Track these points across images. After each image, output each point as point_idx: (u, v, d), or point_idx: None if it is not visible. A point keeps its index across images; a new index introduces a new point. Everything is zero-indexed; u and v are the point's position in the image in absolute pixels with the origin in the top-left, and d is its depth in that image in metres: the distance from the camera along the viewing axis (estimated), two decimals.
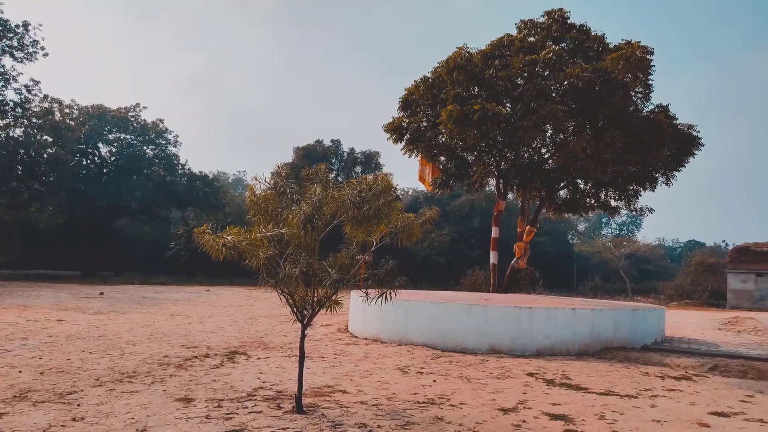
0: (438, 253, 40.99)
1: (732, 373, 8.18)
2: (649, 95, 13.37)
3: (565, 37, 13.87)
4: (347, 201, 5.33)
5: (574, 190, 16.42)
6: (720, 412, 5.88)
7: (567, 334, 9.58)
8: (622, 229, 75.77)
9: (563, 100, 12.76)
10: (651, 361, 8.95)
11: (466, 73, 13.55)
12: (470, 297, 12.75)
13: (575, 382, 7.21)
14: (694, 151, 13.95)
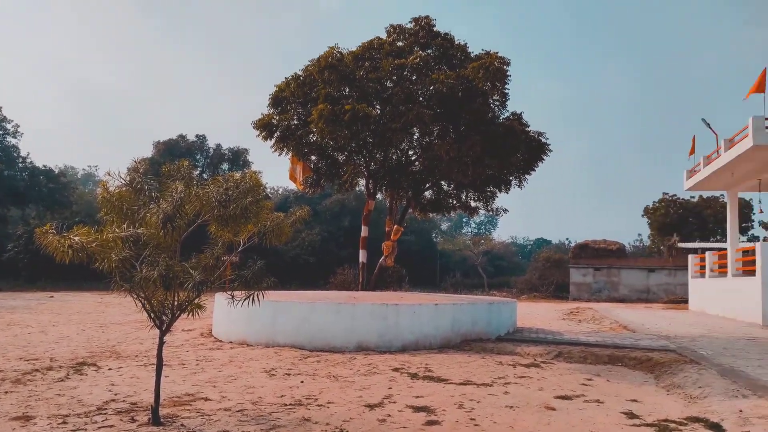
0: (308, 253, 40.83)
1: (574, 359, 9.03)
2: (506, 103, 14.35)
3: (432, 44, 14.47)
4: (212, 199, 5.12)
5: (438, 191, 17.17)
6: (564, 395, 6.46)
7: (430, 328, 9.99)
8: (480, 228, 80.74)
9: (429, 105, 13.30)
10: (504, 350, 9.61)
11: (337, 73, 13.63)
12: (339, 296, 12.85)
13: (437, 374, 7.54)
14: (543, 157, 15.18)
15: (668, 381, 7.38)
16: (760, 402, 5.77)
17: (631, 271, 36.86)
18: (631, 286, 36.43)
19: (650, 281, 36.26)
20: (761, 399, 5.88)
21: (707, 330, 13.81)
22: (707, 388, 6.59)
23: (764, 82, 16.95)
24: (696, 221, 43.95)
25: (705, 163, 21.05)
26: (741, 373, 7.40)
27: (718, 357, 8.94)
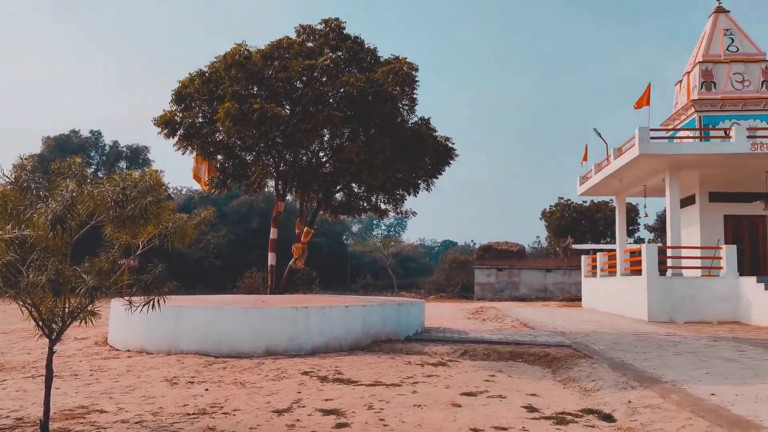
0: (214, 256, 39.51)
1: (479, 356, 9.34)
2: (414, 108, 14.63)
3: (342, 47, 14.46)
4: (108, 199, 4.81)
5: (349, 193, 17.19)
6: (469, 392, 6.66)
7: (341, 331, 9.97)
8: (390, 230, 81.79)
9: (340, 107, 13.28)
10: (413, 350, 9.78)
11: (245, 72, 13.29)
12: (247, 299, 12.52)
13: (347, 376, 7.53)
14: (450, 161, 15.61)
15: (564, 375, 7.81)
16: (646, 392, 6.23)
17: (531, 271, 38.76)
18: (530, 285, 38.29)
19: (547, 281, 38.29)
20: (647, 390, 6.36)
21: (599, 326, 14.77)
22: (600, 381, 7.03)
23: (649, 95, 18.41)
24: (588, 224, 46.94)
25: (596, 170, 22.55)
26: (629, 366, 7.97)
27: (609, 351, 9.58)
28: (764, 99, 19.47)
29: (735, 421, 4.87)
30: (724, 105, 19.68)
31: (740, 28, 20.66)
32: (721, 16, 20.98)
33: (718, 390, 6.25)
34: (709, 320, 16.40)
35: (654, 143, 17.20)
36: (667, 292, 16.93)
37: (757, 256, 19.35)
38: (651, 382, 6.75)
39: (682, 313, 16.68)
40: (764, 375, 7.28)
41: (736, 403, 5.60)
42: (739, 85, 19.80)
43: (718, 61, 20.11)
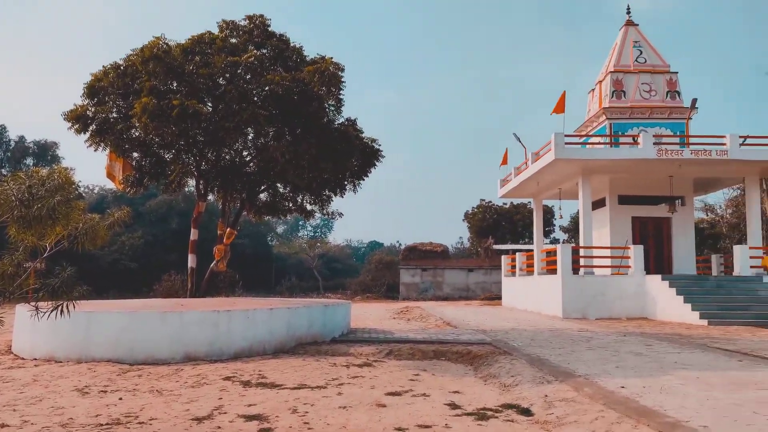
0: (129, 258, 37.77)
1: (404, 356, 9.44)
2: (341, 108, 14.58)
3: (266, 44, 14.19)
4: (12, 198, 4.48)
5: (274, 193, 16.90)
6: (394, 391, 6.70)
7: (264, 333, 9.78)
8: (316, 231, 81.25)
9: (264, 105, 13.03)
10: (338, 352, 9.74)
11: (164, 66, 12.76)
12: (165, 304, 12.04)
13: (271, 380, 7.39)
14: (376, 162, 15.69)
15: (486, 372, 8.03)
16: (561, 386, 6.51)
17: (454, 271, 39.66)
18: (453, 285, 39.16)
19: (470, 280, 39.32)
20: (562, 384, 6.64)
21: (518, 323, 15.32)
22: (518, 376, 7.28)
23: (564, 102, 19.30)
24: (508, 225, 48.60)
25: (515, 173, 23.41)
26: (546, 362, 8.31)
27: (527, 348, 9.94)
28: (669, 108, 20.90)
29: (642, 411, 5.18)
30: (633, 113, 20.95)
31: (648, 40, 22.07)
32: (630, 29, 22.32)
33: (627, 383, 6.62)
34: (619, 316, 17.40)
35: (568, 148, 18.07)
36: (580, 290, 17.81)
37: (661, 256, 20.73)
38: (566, 376, 7.07)
39: (594, 310, 17.59)
40: (668, 368, 7.79)
41: (644, 394, 5.95)
42: (646, 94, 21.14)
43: (628, 71, 21.38)
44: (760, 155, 17.91)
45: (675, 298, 16.09)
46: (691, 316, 15.15)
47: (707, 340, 11.05)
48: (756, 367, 7.74)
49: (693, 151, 17.74)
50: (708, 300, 15.90)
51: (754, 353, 9.12)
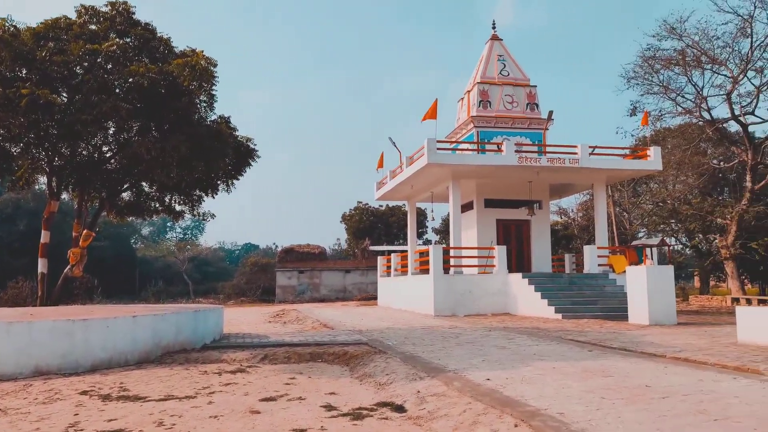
0: None
1: (279, 360, 9.26)
2: (213, 105, 13.98)
3: (130, 33, 13.25)
4: None
5: (138, 192, 15.81)
6: (269, 397, 6.55)
7: (127, 343, 9.12)
8: (186, 232, 77.46)
9: (128, 98, 12.16)
10: (210, 359, 9.34)
11: (11, 51, 11.46)
12: (11, 313, 10.80)
13: (134, 392, 6.90)
14: (251, 162, 15.27)
15: (361, 371, 8.11)
16: (432, 382, 6.74)
17: (331, 272, 39.75)
18: (330, 286, 39.24)
19: (347, 281, 39.63)
20: (434, 379, 6.88)
21: (393, 322, 15.68)
22: (393, 374, 7.44)
23: (436, 110, 20.08)
24: (384, 227, 49.68)
25: (391, 176, 23.98)
26: (419, 359, 8.57)
27: (401, 346, 10.19)
28: (529, 119, 22.52)
29: (506, 401, 5.51)
30: (498, 122, 22.32)
31: (510, 55, 23.64)
32: (495, 43, 23.78)
33: (492, 375, 7.01)
34: (485, 313, 18.44)
35: (440, 154, 18.84)
36: (450, 289, 18.64)
37: (522, 255, 22.27)
38: (437, 372, 7.33)
39: (462, 307, 18.48)
40: (529, 359, 8.37)
41: (507, 385, 6.34)
42: (509, 105, 22.62)
43: (493, 83, 22.75)
44: (606, 164, 19.88)
45: (533, 295, 17.36)
46: (548, 311, 16.44)
47: (562, 333, 12.03)
48: (603, 357, 8.56)
49: (549, 159, 19.27)
50: (561, 296, 17.34)
51: (601, 344, 10.08)
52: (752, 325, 9.64)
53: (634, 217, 36.92)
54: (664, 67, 27.23)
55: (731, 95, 26.09)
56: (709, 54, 26.05)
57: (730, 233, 26.98)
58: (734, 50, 25.64)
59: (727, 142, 29.17)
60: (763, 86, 25.84)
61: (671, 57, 26.86)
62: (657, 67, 27.38)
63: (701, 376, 6.77)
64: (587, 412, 5.00)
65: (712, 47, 25.96)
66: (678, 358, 8.17)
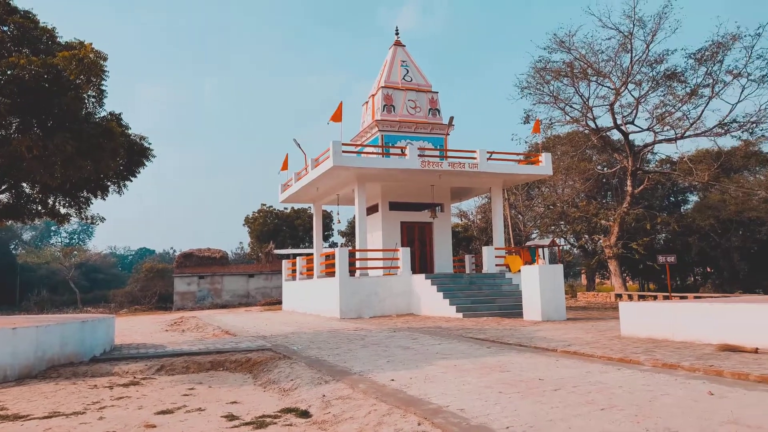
0: None
1: (177, 370, 8.85)
2: (103, 101, 13.14)
3: (8, 21, 12.17)
4: None
5: (18, 194, 14.53)
6: (166, 409, 6.23)
7: (5, 357, 8.34)
8: (73, 237, 72.28)
9: (6, 92, 11.15)
10: (100, 372, 8.75)
11: None
12: None
13: (13, 410, 6.32)
14: (146, 162, 14.49)
15: (265, 378, 7.93)
16: (338, 385, 6.72)
17: (233, 277, 38.63)
18: (233, 291, 38.13)
19: (250, 286, 38.68)
20: (339, 382, 6.86)
21: (298, 327, 15.49)
22: (297, 379, 7.34)
23: (341, 112, 20.12)
24: (289, 230, 49.03)
25: (296, 178, 23.72)
26: (324, 362, 8.51)
27: (306, 350, 10.09)
28: (431, 124, 23.13)
29: (410, 401, 5.60)
30: (401, 127, 22.74)
31: (413, 61, 24.17)
32: (399, 49, 24.21)
33: (396, 375, 7.11)
34: (390, 314, 18.69)
35: (345, 156, 18.89)
36: (355, 291, 18.72)
37: (425, 257, 22.82)
38: (342, 374, 7.33)
39: (368, 309, 18.62)
40: (432, 358, 8.57)
41: (411, 385, 6.45)
42: (412, 110, 23.11)
43: (397, 88, 23.15)
44: (502, 168, 20.83)
45: (436, 295, 17.83)
46: (450, 310, 16.94)
47: (463, 331, 12.44)
48: (500, 353, 8.94)
49: (451, 164, 19.90)
50: (462, 295, 17.94)
51: (499, 340, 10.53)
52: (633, 319, 10.46)
53: (527, 219, 38.99)
54: (554, 78, 29.06)
55: (614, 106, 28.30)
56: (595, 67, 28.10)
57: (613, 234, 29.20)
58: (617, 64, 27.88)
59: (610, 150, 31.57)
60: (641, 98, 28.25)
61: (560, 69, 28.72)
62: (548, 78, 29.18)
63: (589, 368, 7.24)
64: (486, 407, 5.20)
65: (597, 61, 28.04)
66: (568, 352, 8.69)
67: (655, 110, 28.57)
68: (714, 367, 6.64)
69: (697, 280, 35.73)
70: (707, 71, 26.69)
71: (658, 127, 28.82)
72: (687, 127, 28.04)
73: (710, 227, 30.06)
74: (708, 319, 8.94)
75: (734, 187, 30.78)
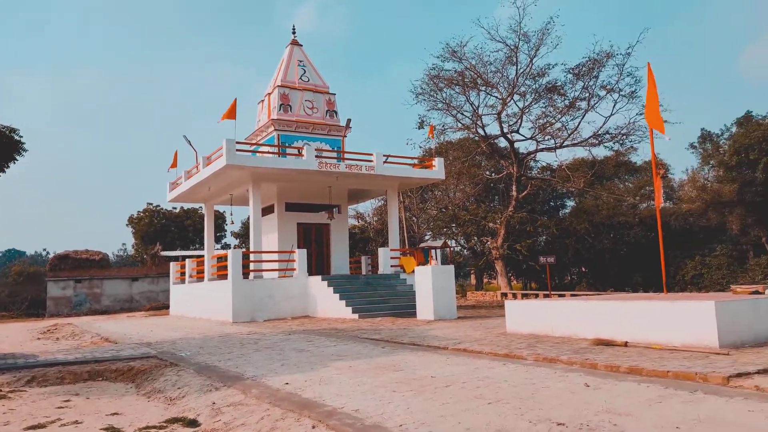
0: None
1: (50, 381, 8.16)
2: None
3: None
4: None
5: None
6: (37, 424, 5.72)
7: None
8: None
9: None
10: None
11: None
12: None
13: None
14: (16, 157, 13.24)
15: (149, 387, 7.51)
16: (229, 392, 6.51)
17: (115, 281, 36.27)
18: (114, 296, 35.79)
19: (134, 290, 36.50)
20: (230, 388, 6.65)
21: (187, 332, 14.83)
22: (185, 387, 7.02)
23: (235, 109, 19.56)
24: (178, 231, 46.86)
25: (186, 177, 22.72)
26: (214, 368, 8.21)
27: (195, 356, 9.68)
28: (329, 125, 23.09)
29: (304, 404, 5.54)
30: (298, 127, 22.50)
31: (310, 61, 24.01)
32: (296, 48, 23.95)
33: (291, 379, 7.01)
34: (285, 316, 18.41)
35: (239, 155, 18.36)
36: (249, 294, 18.25)
37: (322, 258, 22.72)
38: (234, 380, 7.10)
39: (263, 312, 18.23)
40: (327, 360, 8.54)
41: (306, 388, 6.38)
42: (309, 111, 22.95)
43: (294, 87, 22.89)
44: (398, 172, 21.22)
45: (332, 296, 17.82)
46: (345, 311, 16.99)
47: (358, 332, 12.52)
48: (394, 353, 9.10)
49: (348, 166, 19.98)
50: (358, 296, 18.06)
51: (393, 340, 10.71)
52: (517, 316, 11.06)
53: (421, 221, 40.08)
54: (447, 86, 30.12)
55: (501, 115, 29.82)
56: (484, 77, 29.46)
57: (500, 236, 30.75)
58: (504, 75, 29.39)
59: (497, 156, 33.22)
60: (525, 108, 30.00)
61: (453, 77, 29.81)
62: (441, 85, 30.18)
63: (477, 364, 7.56)
64: (380, 406, 5.26)
65: (486, 71, 29.41)
66: (458, 350, 9.02)
67: (538, 120, 30.48)
68: (589, 360, 7.18)
69: (574, 279, 38.48)
70: (584, 86, 28.88)
71: (540, 136, 30.77)
72: (565, 137, 30.18)
73: (585, 230, 32.49)
74: (583, 316, 9.65)
75: (606, 193, 33.54)
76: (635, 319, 8.70)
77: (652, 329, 8.42)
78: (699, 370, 6.12)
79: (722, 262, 26.82)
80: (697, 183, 30.77)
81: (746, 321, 8.19)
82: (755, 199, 26.71)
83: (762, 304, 8.59)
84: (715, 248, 28.05)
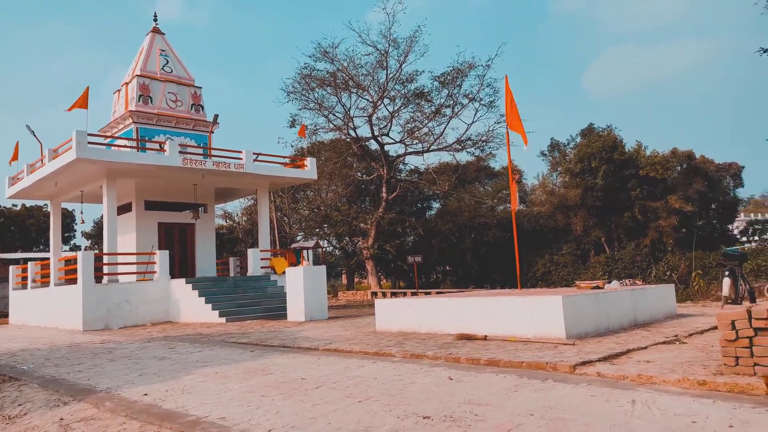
0: None
1: None
2: None
3: None
4: None
5: None
6: None
7: None
8: None
9: None
10: None
11: None
12: None
13: None
14: None
15: None
16: (80, 406, 5.96)
17: None
18: None
19: None
20: (81, 402, 6.09)
21: (29, 343, 13.39)
22: (28, 403, 6.32)
23: (87, 99, 18.00)
24: (19, 230, 42.22)
25: (29, 171, 20.51)
26: (63, 381, 7.48)
27: (40, 369, 8.75)
28: (194, 120, 22.02)
29: (165, 415, 5.22)
30: (160, 120, 21.21)
31: (174, 52, 22.75)
32: (158, 37, 22.57)
33: (150, 389, 6.57)
34: (144, 323, 17.27)
35: (92, 148, 16.92)
36: (102, 299, 16.88)
37: (186, 260, 21.61)
38: (85, 393, 6.52)
39: (118, 319, 16.95)
40: (190, 368, 8.12)
41: (167, 398, 6.02)
42: (173, 104, 21.73)
43: (155, 78, 21.54)
44: (269, 170, 20.78)
45: (197, 300, 17.02)
46: (212, 315, 16.32)
47: (225, 336, 12.08)
48: (264, 356, 8.89)
49: (215, 163, 19.20)
50: (226, 299, 17.43)
51: (263, 343, 10.47)
52: (386, 315, 11.32)
53: (293, 221, 39.67)
54: (319, 86, 30.12)
55: (372, 118, 30.41)
56: (356, 79, 29.86)
57: (370, 236, 31.35)
58: (374, 79, 29.99)
59: (368, 158, 33.83)
60: (395, 113, 30.86)
61: (324, 78, 29.87)
62: (313, 85, 30.12)
63: (348, 363, 7.62)
64: (248, 412, 5.10)
65: (357, 74, 29.82)
66: (329, 350, 9.03)
67: (406, 125, 31.49)
68: (453, 355, 7.53)
69: (439, 277, 40.23)
70: (449, 93, 30.33)
71: (409, 140, 31.82)
72: (432, 142, 31.50)
73: (449, 231, 34.11)
74: (447, 313, 10.11)
75: (468, 196, 35.48)
76: (493, 314, 9.29)
77: (508, 323, 9.04)
78: (549, 360, 6.66)
79: (568, 260, 29.52)
80: (547, 188, 33.55)
81: (589, 313, 9.08)
82: (596, 203, 29.69)
83: (602, 298, 9.57)
84: (562, 247, 30.75)
